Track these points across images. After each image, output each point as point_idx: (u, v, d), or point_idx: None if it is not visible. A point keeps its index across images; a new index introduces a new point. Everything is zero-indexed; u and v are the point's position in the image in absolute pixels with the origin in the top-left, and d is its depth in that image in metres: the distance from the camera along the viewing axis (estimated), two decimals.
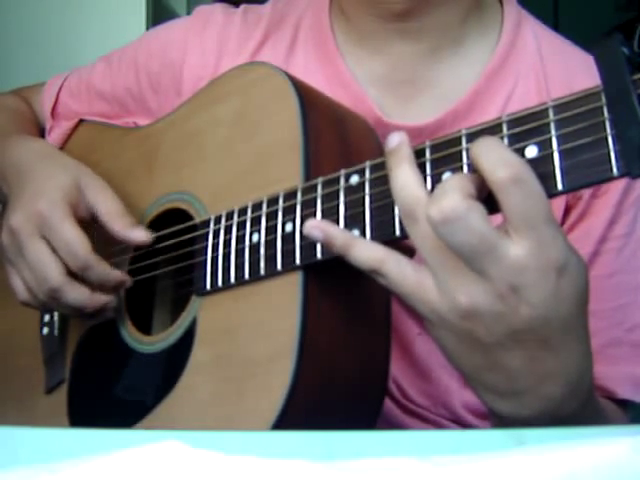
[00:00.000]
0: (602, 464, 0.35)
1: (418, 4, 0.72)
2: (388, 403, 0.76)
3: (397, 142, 0.52)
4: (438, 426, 0.78)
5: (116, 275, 0.71)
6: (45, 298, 0.72)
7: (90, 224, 0.74)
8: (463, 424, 0.77)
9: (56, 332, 0.81)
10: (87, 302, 0.71)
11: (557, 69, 0.75)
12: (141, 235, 0.71)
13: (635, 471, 0.35)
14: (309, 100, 0.64)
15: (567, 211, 0.74)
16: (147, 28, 1.64)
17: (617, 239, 0.74)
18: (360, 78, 0.77)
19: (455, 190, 0.46)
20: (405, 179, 0.49)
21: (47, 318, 0.82)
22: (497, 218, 0.47)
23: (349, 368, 0.62)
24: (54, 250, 0.70)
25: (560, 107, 0.47)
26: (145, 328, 0.76)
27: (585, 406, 0.53)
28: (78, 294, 0.70)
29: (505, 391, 0.51)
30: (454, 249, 0.46)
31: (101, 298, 0.71)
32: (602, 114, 0.45)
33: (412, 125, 0.73)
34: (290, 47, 0.81)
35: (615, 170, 0.45)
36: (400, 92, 0.76)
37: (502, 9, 0.78)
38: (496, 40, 0.76)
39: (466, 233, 0.45)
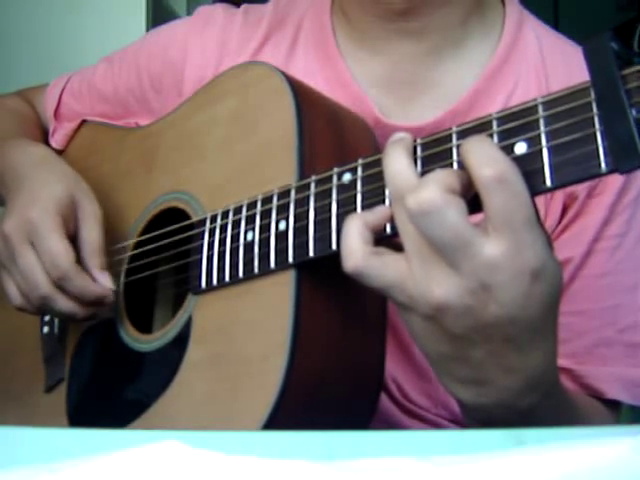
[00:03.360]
0: (602, 464, 0.35)
1: (419, 3, 0.72)
2: (388, 403, 0.76)
3: (401, 135, 0.52)
4: (438, 427, 0.78)
5: (95, 289, 0.71)
6: (35, 305, 0.72)
7: None
8: (463, 424, 0.77)
9: (56, 331, 0.81)
10: (76, 310, 0.72)
11: (558, 69, 0.75)
12: (105, 281, 0.72)
13: (635, 471, 0.35)
14: (305, 100, 0.64)
15: (564, 211, 0.74)
16: (147, 28, 1.64)
17: (611, 239, 0.74)
18: (360, 79, 0.77)
19: (435, 183, 0.46)
20: (400, 164, 0.49)
21: (47, 317, 0.82)
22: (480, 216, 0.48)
23: (343, 367, 0.62)
24: (40, 258, 0.71)
25: (549, 103, 0.47)
26: (147, 326, 0.77)
27: (548, 399, 0.54)
28: (67, 302, 0.71)
29: (466, 380, 0.51)
30: (429, 241, 0.47)
31: (89, 307, 0.72)
32: (591, 110, 0.45)
33: (412, 125, 0.73)
34: (291, 47, 0.81)
35: (603, 166, 0.44)
36: (400, 93, 0.76)
37: (504, 9, 0.78)
38: (497, 40, 0.76)
39: (441, 227, 0.46)
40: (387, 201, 0.53)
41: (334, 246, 0.56)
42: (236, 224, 0.64)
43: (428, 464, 0.36)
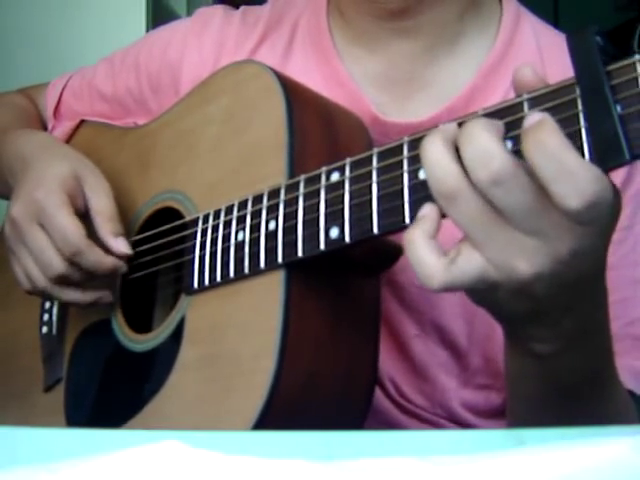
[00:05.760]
0: (602, 464, 0.35)
1: (414, 3, 0.72)
2: (386, 403, 0.76)
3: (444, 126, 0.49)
4: (436, 426, 0.78)
5: (110, 260, 0.71)
6: (44, 285, 0.73)
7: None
8: (461, 423, 0.77)
9: (55, 331, 0.82)
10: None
11: (557, 65, 0.75)
12: (121, 246, 0.72)
13: (635, 471, 0.35)
14: (296, 98, 0.65)
15: None
16: (147, 28, 1.64)
17: (616, 232, 0.73)
18: (357, 77, 0.77)
19: (498, 147, 0.45)
20: (437, 154, 0.47)
21: (46, 317, 0.83)
22: None
23: (333, 368, 0.62)
24: (50, 237, 0.71)
25: (535, 100, 0.47)
26: (147, 324, 0.77)
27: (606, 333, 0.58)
28: (82, 278, 0.71)
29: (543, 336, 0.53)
30: (508, 212, 0.45)
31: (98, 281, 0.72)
32: (576, 106, 0.45)
33: (409, 122, 0.74)
34: (288, 47, 0.81)
35: None
36: (397, 90, 0.76)
37: (500, 6, 0.78)
38: (494, 37, 0.76)
39: (521, 190, 0.45)
40: (407, 197, 0.51)
41: (322, 246, 0.56)
42: (227, 224, 0.64)
43: (428, 464, 0.36)
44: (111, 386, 0.74)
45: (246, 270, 0.61)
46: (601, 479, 0.35)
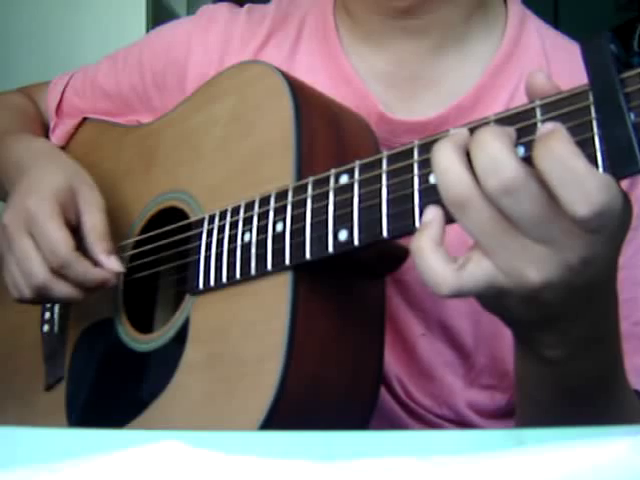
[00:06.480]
0: (602, 464, 0.35)
1: (421, 2, 0.72)
2: (392, 403, 0.76)
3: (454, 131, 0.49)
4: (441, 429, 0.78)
5: (97, 275, 0.71)
6: (31, 294, 0.72)
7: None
8: (467, 424, 0.77)
9: (56, 330, 0.81)
10: (73, 297, 0.72)
11: (562, 67, 0.75)
12: (113, 265, 0.72)
13: (635, 471, 0.35)
14: (304, 99, 0.64)
15: None
16: (147, 28, 1.64)
17: None
18: (364, 75, 0.77)
19: (510, 157, 0.45)
20: (447, 161, 0.47)
21: (47, 315, 0.83)
22: None
23: (340, 369, 0.62)
24: (39, 247, 0.71)
25: (548, 106, 0.47)
26: (148, 325, 0.77)
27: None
28: (63, 289, 0.71)
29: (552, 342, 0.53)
30: (519, 220, 0.45)
31: (86, 293, 0.72)
32: (589, 113, 0.45)
33: (416, 120, 0.74)
34: (294, 45, 0.81)
35: (601, 171, 0.44)
36: (404, 88, 0.77)
37: (506, 8, 0.79)
38: (500, 38, 0.77)
39: (531, 199, 0.45)
40: (417, 201, 0.51)
41: (330, 248, 0.56)
42: (234, 225, 0.64)
43: (428, 464, 0.36)
44: (113, 386, 0.74)
45: (253, 272, 0.61)
46: (601, 479, 0.35)
